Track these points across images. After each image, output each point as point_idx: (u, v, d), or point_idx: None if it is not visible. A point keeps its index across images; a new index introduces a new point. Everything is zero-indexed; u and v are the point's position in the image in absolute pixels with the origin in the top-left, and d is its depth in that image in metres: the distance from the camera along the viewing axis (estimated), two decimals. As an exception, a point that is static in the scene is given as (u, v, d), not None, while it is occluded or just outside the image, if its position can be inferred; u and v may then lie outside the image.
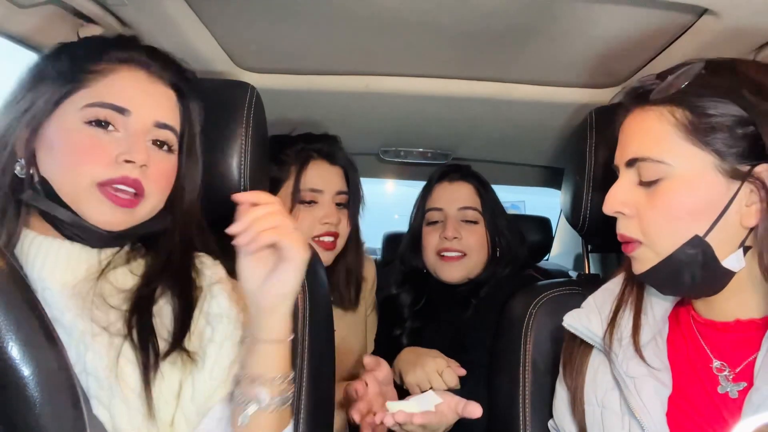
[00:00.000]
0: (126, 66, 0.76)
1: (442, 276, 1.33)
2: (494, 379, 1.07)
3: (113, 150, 0.72)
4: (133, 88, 0.76)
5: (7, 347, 0.34)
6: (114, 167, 0.72)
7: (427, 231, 1.36)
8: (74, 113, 0.73)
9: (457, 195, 1.35)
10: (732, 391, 0.70)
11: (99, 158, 0.72)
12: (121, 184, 0.72)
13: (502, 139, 1.53)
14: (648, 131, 0.71)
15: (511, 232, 1.38)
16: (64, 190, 0.72)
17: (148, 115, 0.76)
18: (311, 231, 1.26)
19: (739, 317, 0.71)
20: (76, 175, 0.71)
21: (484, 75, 1.22)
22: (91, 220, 0.73)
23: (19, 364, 0.34)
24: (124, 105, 0.74)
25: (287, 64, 1.21)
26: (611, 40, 1.00)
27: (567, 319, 0.84)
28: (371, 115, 1.44)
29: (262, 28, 1.05)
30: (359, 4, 0.93)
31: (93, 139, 0.72)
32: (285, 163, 1.29)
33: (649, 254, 0.72)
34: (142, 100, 0.76)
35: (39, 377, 0.35)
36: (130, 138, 0.74)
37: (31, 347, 0.35)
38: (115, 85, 0.75)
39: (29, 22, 0.91)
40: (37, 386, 0.35)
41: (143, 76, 0.77)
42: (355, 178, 1.35)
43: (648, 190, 0.71)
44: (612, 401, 0.77)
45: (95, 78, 0.74)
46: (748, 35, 0.88)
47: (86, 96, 0.73)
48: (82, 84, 0.74)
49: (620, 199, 0.73)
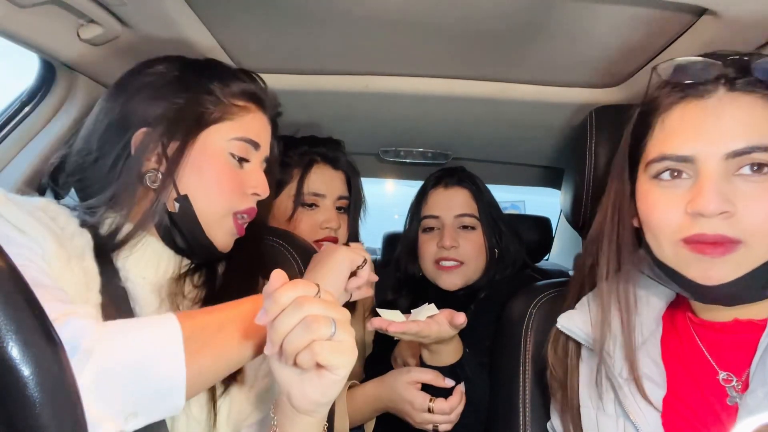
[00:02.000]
0: (258, 107, 0.86)
1: (441, 284, 1.33)
2: (494, 379, 1.07)
3: (247, 183, 0.82)
4: (262, 127, 0.86)
5: (7, 347, 0.34)
6: (246, 199, 0.82)
7: (424, 239, 1.36)
8: (222, 142, 0.79)
9: (453, 202, 1.34)
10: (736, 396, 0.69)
11: (239, 190, 0.81)
12: (247, 214, 0.82)
13: (502, 139, 1.53)
14: (757, 117, 0.64)
15: (509, 234, 1.37)
16: (203, 211, 0.78)
17: (265, 150, 0.87)
18: (311, 235, 1.27)
19: (737, 317, 0.70)
20: (221, 202, 0.79)
21: (485, 75, 1.22)
22: (214, 241, 0.80)
23: (19, 364, 0.34)
24: (259, 141, 0.84)
25: (287, 64, 1.21)
26: (611, 40, 1.00)
27: (561, 320, 0.84)
28: (371, 115, 1.44)
29: (262, 28, 1.05)
30: (359, 5, 0.93)
31: (237, 172, 0.81)
32: (288, 165, 1.30)
33: (747, 258, 0.64)
34: (265, 137, 0.87)
35: (39, 377, 0.35)
36: (255, 171, 0.84)
37: (31, 347, 0.35)
38: (254, 123, 0.84)
39: (29, 22, 0.91)
40: (37, 386, 0.35)
41: (265, 117, 0.88)
42: (357, 183, 1.36)
43: (752, 183, 0.64)
44: (606, 403, 0.77)
45: (240, 113, 0.82)
46: (748, 35, 0.88)
47: (234, 128, 0.81)
48: (231, 116, 0.81)
49: (722, 196, 0.63)
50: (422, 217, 1.37)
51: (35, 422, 0.35)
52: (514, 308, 1.05)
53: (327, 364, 0.57)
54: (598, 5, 0.88)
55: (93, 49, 1.05)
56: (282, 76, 1.25)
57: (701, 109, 0.67)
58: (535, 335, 0.99)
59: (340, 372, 0.58)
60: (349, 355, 0.58)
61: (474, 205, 1.34)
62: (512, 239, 1.37)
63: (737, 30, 0.86)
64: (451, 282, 1.31)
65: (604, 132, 1.00)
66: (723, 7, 0.81)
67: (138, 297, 0.74)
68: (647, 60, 1.07)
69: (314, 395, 0.60)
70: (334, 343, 0.56)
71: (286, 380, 0.61)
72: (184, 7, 0.97)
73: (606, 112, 1.03)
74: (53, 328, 0.37)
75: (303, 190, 1.28)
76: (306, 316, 0.56)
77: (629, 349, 0.75)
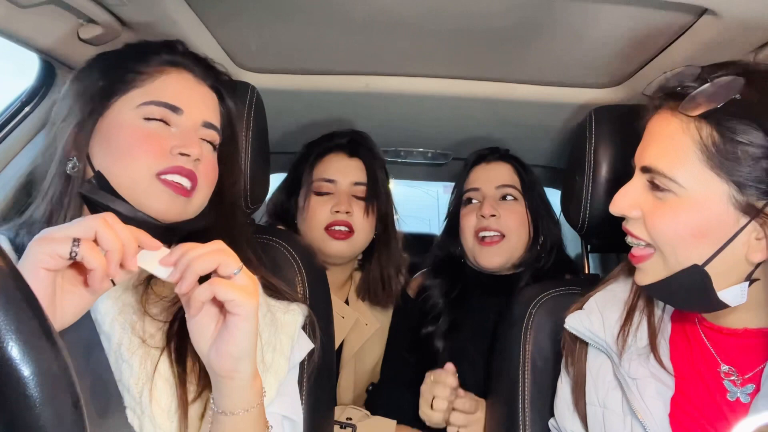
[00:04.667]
0: (174, 68, 0.80)
1: (481, 262, 1.27)
2: (494, 379, 1.08)
3: (169, 143, 0.75)
4: (184, 89, 0.79)
5: (7, 347, 0.34)
6: (170, 158, 0.74)
7: (465, 212, 1.31)
8: (131, 110, 0.75)
9: (494, 174, 1.31)
10: (743, 396, 0.69)
11: (156, 149, 0.74)
12: (177, 174, 0.74)
13: (503, 139, 1.52)
14: (669, 141, 0.67)
15: (550, 216, 1.33)
16: (122, 182, 0.73)
17: (197, 115, 0.79)
18: (323, 221, 1.25)
19: (747, 326, 0.70)
20: (136, 165, 0.73)
21: (485, 75, 1.22)
22: (149, 210, 0.73)
23: (19, 364, 0.34)
24: (178, 104, 0.77)
25: (287, 64, 1.21)
26: (611, 40, 1.00)
27: (569, 321, 0.84)
28: (371, 115, 1.44)
29: (262, 28, 1.05)
30: (359, 5, 0.93)
31: (151, 132, 0.75)
32: (308, 160, 1.31)
33: (658, 267, 0.69)
34: (192, 100, 0.79)
35: (39, 377, 0.35)
36: (185, 133, 0.77)
37: (31, 347, 0.35)
38: (168, 85, 0.78)
39: (29, 22, 0.91)
40: (37, 386, 0.35)
41: (190, 78, 0.81)
42: (376, 171, 1.31)
43: (657, 198, 0.68)
44: (614, 402, 0.77)
45: (147, 79, 0.77)
46: (748, 35, 0.88)
47: (141, 95, 0.76)
48: (134, 84, 0.77)
49: (629, 201, 0.71)
50: (464, 192, 1.33)
51: (35, 422, 0.35)
52: (514, 308, 1.05)
53: (224, 298, 0.59)
54: (598, 5, 0.88)
55: (93, 50, 1.05)
56: (282, 76, 1.25)
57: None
58: (535, 335, 0.99)
59: (241, 310, 0.60)
60: (248, 296, 0.60)
61: (516, 178, 1.31)
62: (553, 221, 1.34)
63: (737, 30, 0.86)
64: (491, 259, 1.25)
65: (604, 132, 1.00)
66: (723, 8, 0.81)
67: (95, 306, 0.70)
68: (647, 60, 1.07)
69: (227, 347, 0.61)
70: (233, 283, 0.60)
71: (200, 338, 0.63)
72: (184, 7, 0.97)
73: (606, 112, 1.03)
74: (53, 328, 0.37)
75: (313, 177, 1.28)
76: (216, 249, 0.61)
77: (653, 352, 0.75)
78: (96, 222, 0.58)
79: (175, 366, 0.69)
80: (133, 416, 0.67)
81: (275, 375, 0.77)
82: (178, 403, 0.68)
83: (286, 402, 0.80)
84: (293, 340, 0.82)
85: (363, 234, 1.28)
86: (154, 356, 0.69)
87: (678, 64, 0.98)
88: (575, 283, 1.06)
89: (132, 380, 0.68)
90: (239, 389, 0.64)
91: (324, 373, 0.96)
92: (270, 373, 0.76)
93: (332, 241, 1.25)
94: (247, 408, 0.65)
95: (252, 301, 0.61)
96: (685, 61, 0.97)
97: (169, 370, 0.69)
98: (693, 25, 0.90)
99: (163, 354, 0.70)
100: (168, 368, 0.69)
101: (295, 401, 0.83)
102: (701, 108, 0.64)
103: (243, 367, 0.63)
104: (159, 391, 0.68)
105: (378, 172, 1.32)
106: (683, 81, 0.68)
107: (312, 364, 0.91)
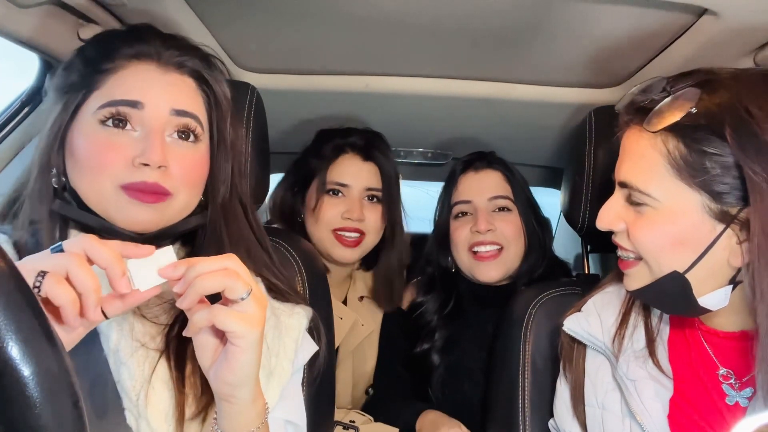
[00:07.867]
0: (135, 61, 0.73)
1: (478, 277, 1.24)
2: (493, 380, 1.07)
3: (130, 151, 0.69)
4: (143, 80, 0.72)
5: (7, 347, 0.34)
6: (131, 171, 0.69)
7: (456, 226, 1.27)
8: (90, 116, 0.71)
9: (485, 184, 1.27)
10: (742, 400, 0.69)
11: (116, 160, 0.69)
12: (139, 192, 0.69)
13: (502, 139, 1.53)
14: (639, 157, 0.69)
15: (540, 219, 1.32)
16: (90, 197, 0.70)
17: (162, 104, 0.72)
18: (333, 223, 1.24)
19: (744, 329, 0.70)
20: (99, 179, 0.69)
21: (484, 75, 1.22)
22: (120, 224, 0.70)
23: (19, 364, 0.34)
24: (135, 98, 0.70)
25: (287, 64, 1.21)
26: (611, 40, 1.00)
27: (567, 323, 0.84)
28: (371, 115, 1.44)
29: (262, 28, 1.05)
30: (359, 5, 0.93)
31: (109, 141, 0.69)
32: (322, 157, 1.28)
33: (644, 273, 0.71)
34: (154, 89, 0.72)
35: (39, 377, 0.35)
36: (148, 136, 0.70)
37: (31, 347, 0.35)
38: (125, 81, 0.72)
39: (29, 22, 0.91)
40: (37, 386, 0.35)
41: (153, 67, 0.74)
42: (390, 176, 1.30)
43: (636, 212, 0.70)
44: (612, 403, 0.77)
45: (106, 78, 0.72)
46: (748, 35, 0.88)
47: (99, 97, 0.71)
48: (96, 86, 0.72)
49: (612, 215, 0.73)
50: (453, 204, 1.29)
51: (35, 422, 0.34)
52: (513, 308, 1.05)
53: (224, 329, 0.56)
54: (598, 5, 0.88)
55: (93, 49, 1.05)
56: (282, 76, 1.25)
57: None
58: (535, 335, 0.99)
59: (241, 342, 0.57)
60: (250, 326, 0.57)
61: (507, 186, 1.27)
62: (545, 227, 1.32)
63: (737, 30, 0.86)
64: (489, 273, 1.23)
65: (603, 132, 1.00)
66: (723, 8, 0.81)
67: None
68: (647, 60, 1.07)
69: (224, 374, 0.59)
70: (236, 312, 0.57)
71: (202, 357, 0.61)
72: (184, 7, 0.97)
73: (605, 112, 1.03)
74: (53, 328, 0.37)
75: (327, 179, 1.26)
76: (225, 268, 0.56)
77: (651, 353, 0.76)
78: (67, 260, 0.52)
79: (173, 370, 0.68)
80: (131, 418, 0.67)
81: (278, 379, 0.76)
82: (175, 407, 0.67)
83: (289, 406, 0.78)
84: (297, 344, 0.80)
85: (372, 236, 1.28)
86: (153, 359, 0.69)
87: (678, 64, 0.99)
88: (575, 283, 1.06)
89: (129, 383, 0.67)
90: (239, 413, 0.62)
91: (325, 374, 0.96)
92: (273, 378, 0.75)
93: (341, 247, 1.24)
94: (248, 430, 0.63)
95: (254, 331, 0.58)
96: (685, 61, 0.98)
97: (168, 374, 0.68)
98: (693, 26, 0.90)
99: (162, 357, 0.69)
100: (167, 372, 0.68)
101: (298, 405, 0.82)
102: (662, 123, 0.66)
103: (241, 394, 0.61)
104: (157, 395, 0.67)
105: (392, 177, 1.31)
106: (650, 95, 0.69)
107: (315, 366, 0.91)
